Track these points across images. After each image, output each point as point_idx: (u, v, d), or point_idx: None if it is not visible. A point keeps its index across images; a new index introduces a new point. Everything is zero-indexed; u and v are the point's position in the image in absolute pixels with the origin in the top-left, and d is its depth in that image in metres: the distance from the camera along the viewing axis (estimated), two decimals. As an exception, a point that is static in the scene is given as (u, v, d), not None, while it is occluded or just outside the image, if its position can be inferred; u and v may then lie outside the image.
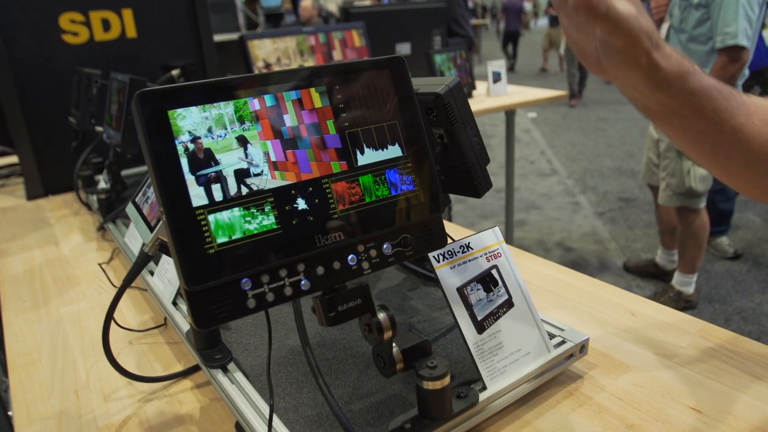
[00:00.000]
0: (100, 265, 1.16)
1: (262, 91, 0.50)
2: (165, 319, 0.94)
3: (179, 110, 0.47)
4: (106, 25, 1.69)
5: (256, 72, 2.07)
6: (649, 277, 3.13)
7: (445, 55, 2.75)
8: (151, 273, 0.99)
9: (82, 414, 0.73)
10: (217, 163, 0.48)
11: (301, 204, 0.50)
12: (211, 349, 0.74)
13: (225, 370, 0.71)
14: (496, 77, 2.84)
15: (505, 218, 3.16)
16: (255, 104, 0.50)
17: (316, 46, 2.29)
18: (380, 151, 0.54)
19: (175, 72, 1.55)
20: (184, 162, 0.47)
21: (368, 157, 0.54)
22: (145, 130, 0.46)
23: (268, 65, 2.19)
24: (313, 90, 0.53)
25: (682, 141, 0.62)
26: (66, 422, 0.72)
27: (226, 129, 0.49)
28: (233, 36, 2.39)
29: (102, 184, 1.37)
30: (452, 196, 4.51)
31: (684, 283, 2.79)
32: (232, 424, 0.68)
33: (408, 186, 0.56)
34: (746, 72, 2.43)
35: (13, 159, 2.05)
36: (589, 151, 5.80)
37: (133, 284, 1.06)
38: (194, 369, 0.80)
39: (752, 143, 0.58)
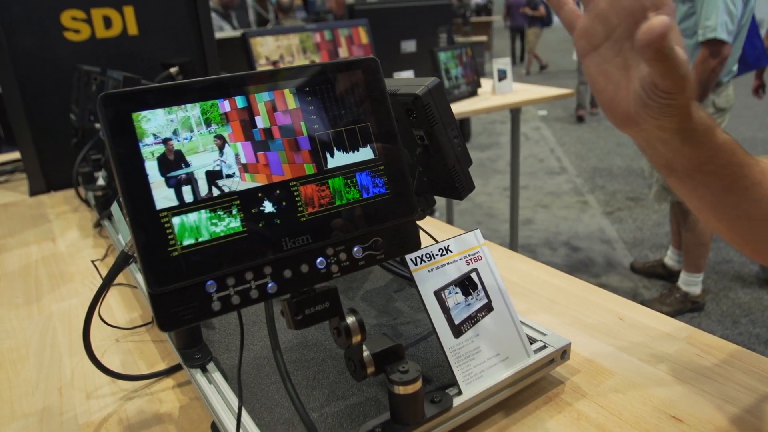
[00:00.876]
0: (92, 262, 1.17)
1: (232, 92, 0.50)
2: (152, 317, 0.94)
3: (143, 112, 0.47)
4: (108, 23, 1.70)
5: (259, 69, 2.07)
6: (657, 278, 3.11)
7: (450, 53, 2.73)
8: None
9: (64, 411, 0.73)
10: (187, 164, 0.48)
11: (268, 207, 0.50)
12: (191, 348, 0.74)
13: (204, 370, 0.71)
14: (502, 75, 2.82)
15: (510, 216, 3.14)
16: (225, 106, 0.50)
17: (321, 44, 2.29)
18: (351, 153, 0.54)
19: (173, 69, 1.55)
20: (148, 165, 0.46)
21: (338, 159, 0.53)
22: (109, 133, 0.45)
23: (275, 63, 2.19)
24: (287, 91, 0.52)
25: (702, 201, 0.61)
26: (47, 419, 0.72)
27: (192, 131, 0.48)
28: (236, 33, 2.39)
29: (100, 182, 1.38)
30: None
31: (690, 282, 2.76)
32: (209, 424, 0.68)
33: (380, 189, 0.55)
34: (734, 69, 2.41)
35: (17, 155, 2.07)
36: (599, 150, 5.75)
37: (123, 281, 1.07)
38: (177, 368, 0.80)
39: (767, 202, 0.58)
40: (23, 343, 0.90)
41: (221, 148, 0.49)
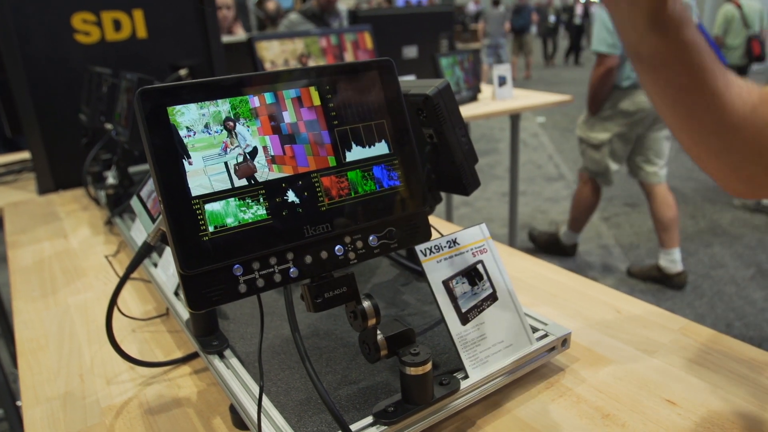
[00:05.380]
0: (106, 257, 1.20)
1: (259, 89, 0.54)
2: (167, 308, 0.97)
3: (178, 107, 0.50)
4: (117, 26, 1.74)
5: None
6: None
7: (451, 58, 2.78)
8: (155, 265, 1.03)
9: (86, 395, 0.77)
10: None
11: (291, 196, 0.53)
12: (208, 336, 0.77)
13: (221, 356, 0.74)
14: (502, 81, 2.87)
15: (509, 220, 3.18)
16: (255, 101, 0.53)
17: (327, 48, 2.33)
18: (368, 148, 0.58)
19: (183, 72, 1.58)
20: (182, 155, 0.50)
21: (356, 153, 0.57)
22: (145, 125, 0.49)
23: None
24: (312, 89, 0.56)
25: (661, 95, 0.62)
26: (70, 403, 0.75)
27: (222, 125, 0.52)
28: (241, 37, 2.44)
29: (110, 180, 1.41)
30: (460, 200, 4.54)
31: (666, 259, 3.01)
32: (227, 406, 0.71)
33: (394, 182, 0.59)
34: (633, 76, 2.80)
35: (25, 155, 2.10)
36: (597, 156, 5.80)
37: (137, 276, 1.10)
38: (193, 356, 0.83)
39: (726, 112, 0.58)
40: (42, 333, 0.94)
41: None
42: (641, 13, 0.55)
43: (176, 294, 0.92)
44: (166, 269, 0.98)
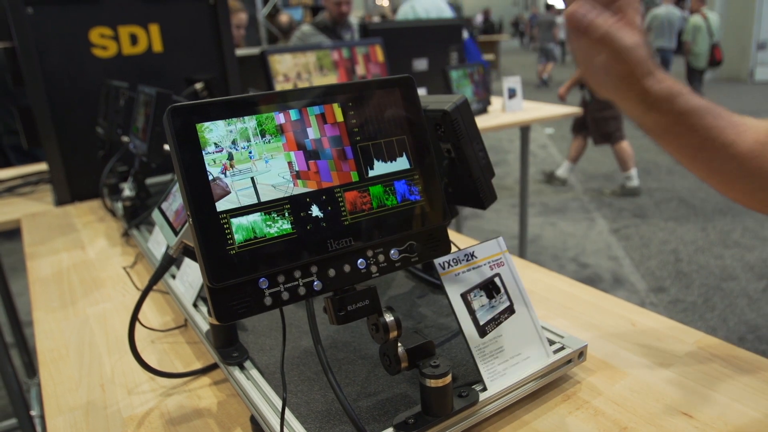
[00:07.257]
0: (124, 268, 1.22)
1: (285, 106, 0.55)
2: (185, 320, 0.99)
3: (206, 123, 0.52)
4: (134, 40, 1.77)
5: (277, 86, 2.14)
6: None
7: (462, 71, 2.80)
8: (173, 277, 1.04)
9: (108, 405, 0.78)
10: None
11: (315, 211, 0.55)
12: (228, 347, 0.78)
13: (241, 368, 0.75)
14: (512, 93, 2.88)
15: (519, 233, 3.19)
16: (280, 118, 0.55)
17: (339, 61, 2.35)
18: (389, 163, 0.59)
19: (198, 85, 1.61)
20: (210, 170, 0.51)
21: (378, 168, 0.58)
22: (175, 141, 0.50)
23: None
24: (335, 105, 0.57)
25: (680, 156, 0.69)
26: (93, 413, 0.76)
27: (249, 141, 0.53)
28: (254, 50, 2.46)
29: (127, 192, 1.43)
30: (469, 211, 4.55)
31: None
32: (247, 417, 0.72)
33: (415, 196, 0.60)
34: None
35: (42, 166, 2.13)
36: (606, 168, 5.80)
37: (154, 287, 1.12)
38: (212, 367, 0.84)
39: (743, 158, 0.65)
40: (62, 343, 0.95)
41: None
42: (632, 101, 0.64)
43: (195, 306, 0.93)
44: (183, 281, 0.99)
